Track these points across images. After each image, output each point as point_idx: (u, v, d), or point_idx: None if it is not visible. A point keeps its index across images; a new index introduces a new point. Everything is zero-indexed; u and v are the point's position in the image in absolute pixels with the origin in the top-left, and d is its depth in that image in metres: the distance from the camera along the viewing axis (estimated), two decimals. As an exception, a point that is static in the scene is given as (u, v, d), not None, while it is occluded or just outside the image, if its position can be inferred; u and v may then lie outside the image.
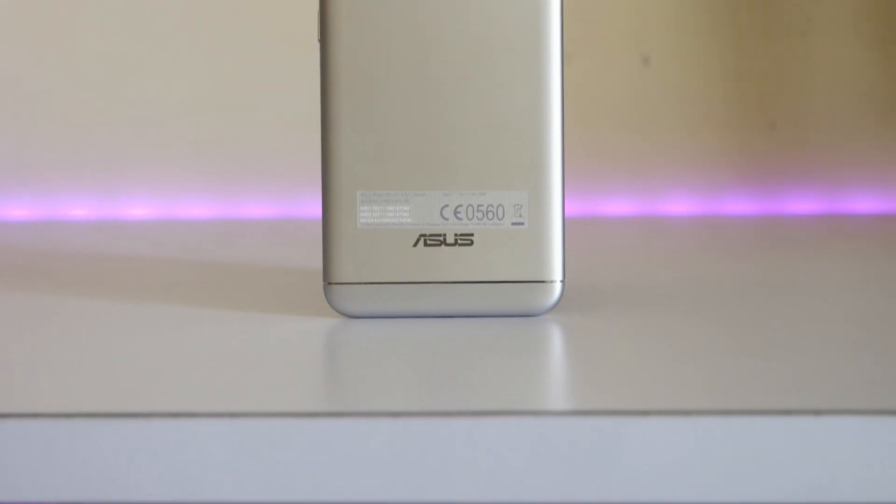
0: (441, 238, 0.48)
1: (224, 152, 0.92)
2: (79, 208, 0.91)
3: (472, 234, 0.48)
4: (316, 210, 0.62)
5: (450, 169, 0.48)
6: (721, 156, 0.93)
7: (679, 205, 0.92)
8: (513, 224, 0.48)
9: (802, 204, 0.92)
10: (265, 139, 0.92)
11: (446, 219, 0.48)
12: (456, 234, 0.48)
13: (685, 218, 0.91)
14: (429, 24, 0.47)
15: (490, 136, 0.48)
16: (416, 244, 0.48)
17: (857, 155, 0.92)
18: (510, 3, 0.47)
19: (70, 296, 0.56)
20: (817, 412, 0.36)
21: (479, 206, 0.48)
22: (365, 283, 0.48)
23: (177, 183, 0.92)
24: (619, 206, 0.92)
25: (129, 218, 0.91)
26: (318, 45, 0.48)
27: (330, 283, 0.48)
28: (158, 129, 0.92)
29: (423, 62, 0.48)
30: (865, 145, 0.92)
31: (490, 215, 0.48)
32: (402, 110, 0.48)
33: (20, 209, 0.91)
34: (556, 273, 0.48)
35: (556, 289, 0.48)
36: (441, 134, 0.48)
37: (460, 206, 0.48)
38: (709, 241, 0.81)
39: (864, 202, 0.92)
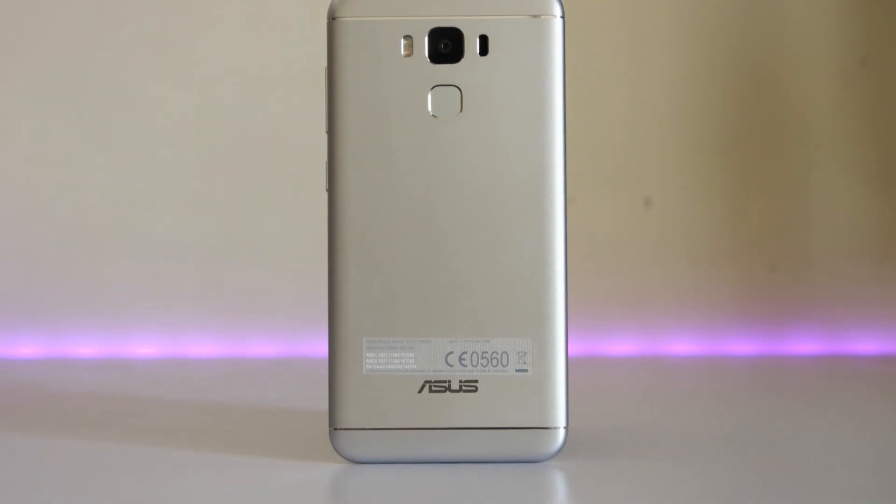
0: (446, 385, 0.48)
1: (231, 291, 0.93)
2: (86, 347, 0.92)
3: (476, 381, 0.48)
4: (320, 349, 0.62)
5: (454, 316, 0.48)
6: (722, 296, 0.93)
7: (681, 345, 0.93)
8: (517, 371, 0.48)
9: (804, 345, 0.93)
10: (271, 279, 0.93)
11: (451, 365, 0.48)
12: (461, 381, 0.48)
13: (687, 358, 0.92)
14: (434, 172, 0.49)
15: (494, 283, 0.48)
16: (421, 390, 0.48)
17: (858, 296, 0.93)
18: (514, 151, 0.49)
19: (74, 438, 0.56)
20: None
21: (483, 352, 0.48)
22: (370, 429, 0.48)
23: (183, 322, 0.92)
24: (621, 346, 0.93)
25: (135, 356, 0.91)
26: (326, 193, 0.49)
27: (336, 429, 0.48)
28: (166, 267, 0.93)
29: (428, 210, 0.49)
30: (866, 287, 0.93)
31: (494, 362, 0.48)
32: (407, 258, 0.49)
33: (27, 347, 0.92)
34: (560, 420, 0.48)
35: (560, 435, 0.48)
36: (446, 281, 0.48)
37: (465, 353, 0.48)
38: (711, 382, 0.81)
39: (866, 343, 0.92)
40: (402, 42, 0.49)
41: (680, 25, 0.94)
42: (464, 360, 0.48)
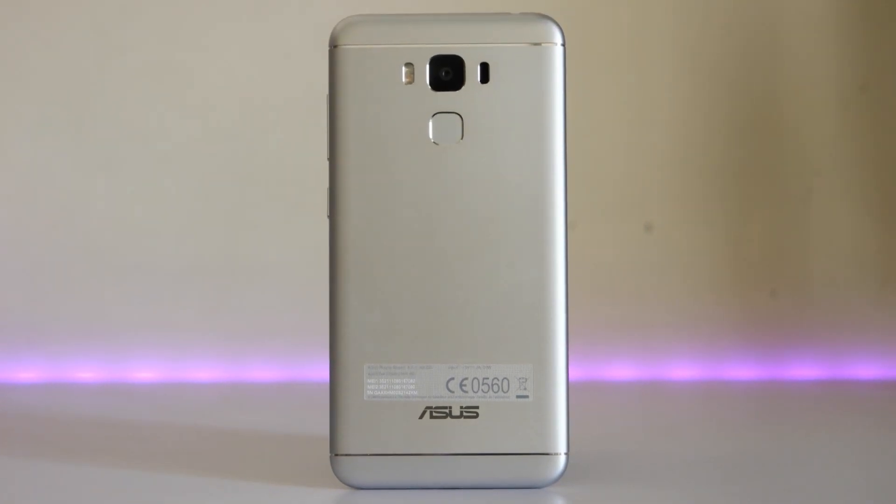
0: (447, 411, 0.48)
1: (231, 316, 0.93)
2: (86, 371, 0.92)
3: (477, 407, 0.48)
4: (321, 374, 0.62)
5: (455, 342, 0.48)
6: (723, 322, 0.93)
7: (682, 370, 0.93)
8: (517, 397, 0.48)
9: (804, 370, 0.93)
10: (272, 304, 0.93)
11: (452, 391, 0.48)
12: (461, 407, 0.48)
13: (688, 383, 0.92)
14: (435, 199, 0.49)
15: (495, 310, 0.48)
16: (422, 416, 0.48)
17: (859, 321, 0.93)
18: (515, 177, 0.49)
19: (74, 463, 0.56)
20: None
21: (484, 379, 0.48)
22: (371, 455, 0.48)
23: (184, 347, 0.92)
24: (622, 370, 0.93)
25: (136, 381, 0.91)
26: (327, 219, 0.49)
27: (337, 455, 0.49)
28: (166, 292, 0.93)
29: (429, 237, 0.49)
30: (866, 312, 0.93)
31: (495, 388, 0.48)
32: (408, 284, 0.49)
33: (28, 372, 0.92)
34: (561, 446, 0.48)
35: (561, 461, 0.48)
36: (447, 308, 0.49)
37: (466, 379, 0.48)
38: (712, 407, 0.81)
39: (866, 368, 0.92)
40: (404, 69, 0.49)
41: (680, 52, 0.95)
42: (465, 386, 0.48)
